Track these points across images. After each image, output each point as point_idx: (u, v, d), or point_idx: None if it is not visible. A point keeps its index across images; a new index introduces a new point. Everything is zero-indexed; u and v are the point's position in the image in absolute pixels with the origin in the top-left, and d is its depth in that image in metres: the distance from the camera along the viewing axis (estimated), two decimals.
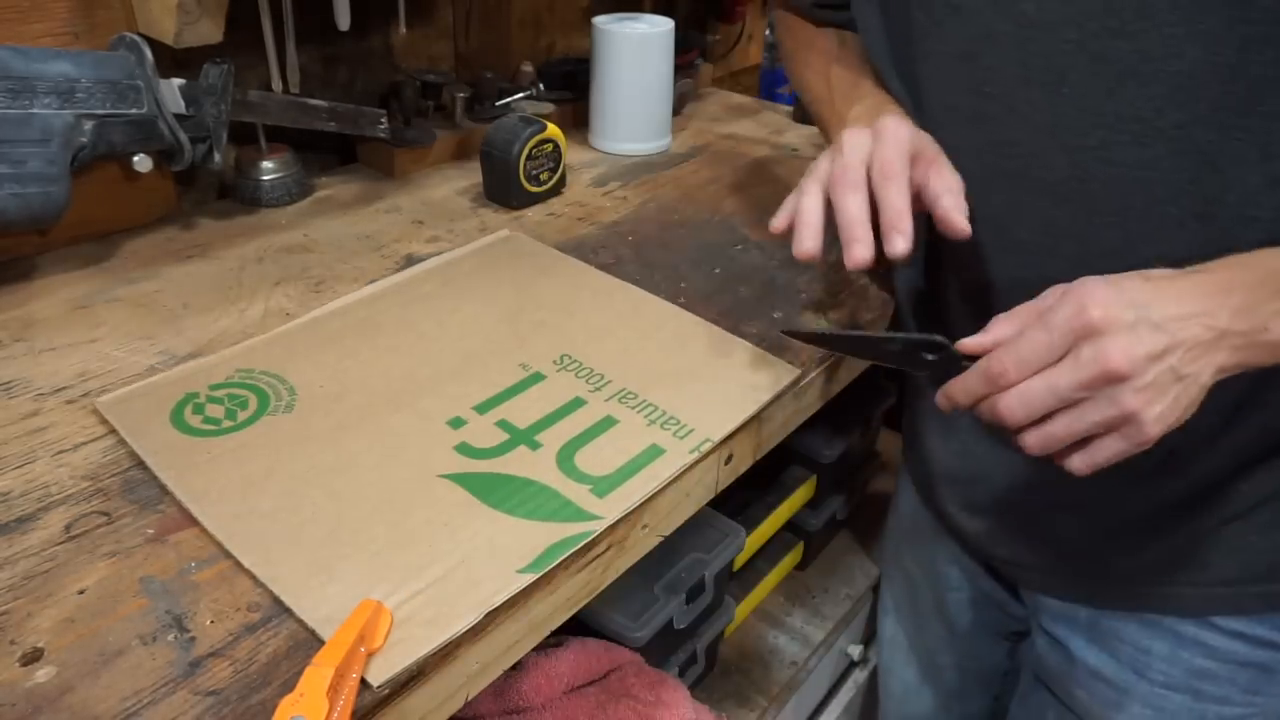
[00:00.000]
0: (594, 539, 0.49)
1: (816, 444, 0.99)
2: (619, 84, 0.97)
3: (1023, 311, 0.47)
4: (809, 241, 0.54)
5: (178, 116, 0.70)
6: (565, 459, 0.54)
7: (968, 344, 0.49)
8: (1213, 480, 0.58)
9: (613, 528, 0.50)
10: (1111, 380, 0.43)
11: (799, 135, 1.10)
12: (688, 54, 1.17)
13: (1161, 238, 0.50)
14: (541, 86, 1.02)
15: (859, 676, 1.13)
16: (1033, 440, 0.47)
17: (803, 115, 1.16)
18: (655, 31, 0.96)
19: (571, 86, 1.05)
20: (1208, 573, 0.61)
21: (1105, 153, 0.50)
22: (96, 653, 0.40)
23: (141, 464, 0.52)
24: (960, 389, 0.49)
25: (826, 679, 1.08)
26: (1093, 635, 0.68)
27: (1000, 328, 0.48)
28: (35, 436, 0.53)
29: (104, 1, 0.70)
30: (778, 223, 0.56)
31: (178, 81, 0.70)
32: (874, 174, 0.52)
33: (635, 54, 0.96)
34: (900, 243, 0.51)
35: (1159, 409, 0.43)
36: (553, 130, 0.85)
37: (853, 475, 1.11)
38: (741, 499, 0.96)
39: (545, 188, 0.87)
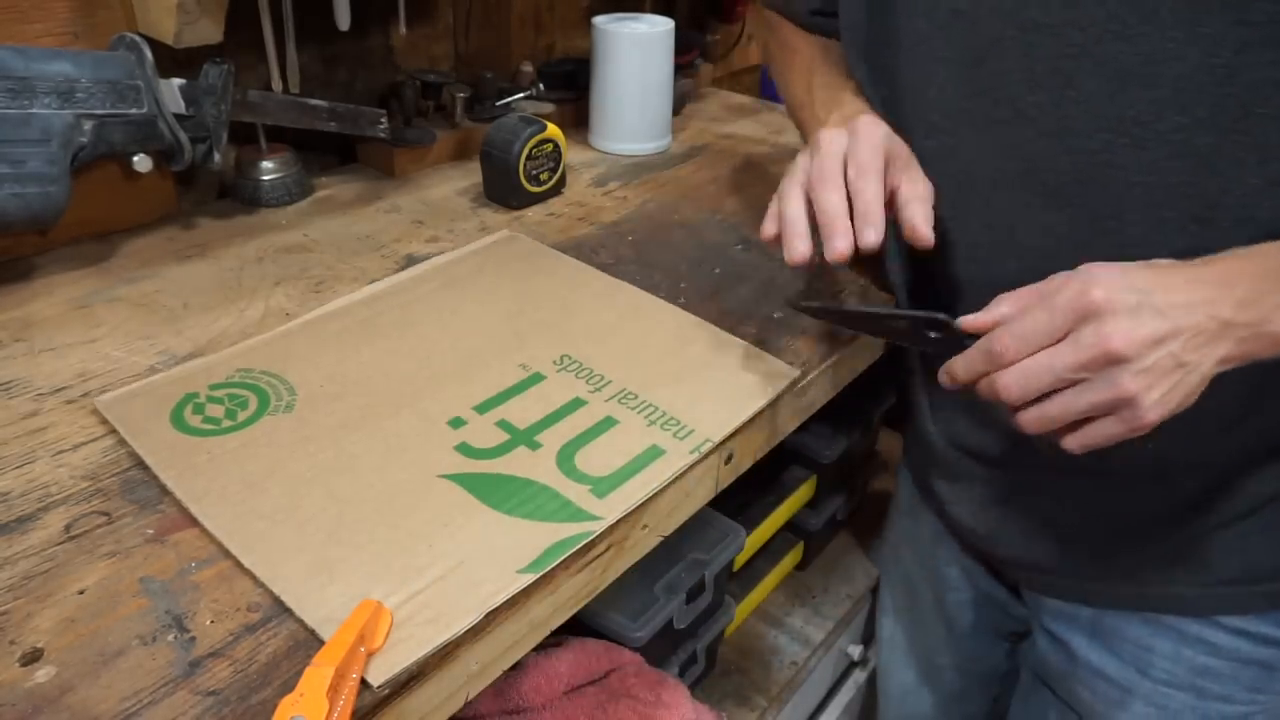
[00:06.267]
0: (594, 539, 0.49)
1: (816, 444, 0.99)
2: (619, 84, 0.97)
3: (1026, 292, 0.47)
4: (800, 246, 0.55)
5: (178, 116, 0.70)
6: (565, 459, 0.54)
7: (969, 321, 0.49)
8: (1217, 480, 0.58)
9: (613, 528, 0.50)
10: (1111, 362, 0.43)
11: (798, 135, 1.10)
12: (688, 54, 1.17)
13: (1160, 242, 0.50)
14: (541, 86, 1.02)
15: (859, 677, 1.13)
16: (1029, 419, 0.47)
17: None
18: (655, 31, 0.96)
19: (571, 86, 1.05)
20: (1211, 572, 0.61)
21: (1107, 155, 0.50)
22: (96, 653, 0.40)
23: (141, 464, 0.51)
24: (961, 365, 0.49)
25: (826, 679, 1.08)
26: (1095, 634, 0.68)
27: (1002, 307, 0.48)
28: (35, 436, 0.53)
29: (104, 1, 0.70)
30: (767, 230, 0.57)
31: (178, 81, 0.70)
32: (850, 171, 0.53)
33: (635, 54, 0.96)
34: (871, 234, 0.52)
35: (1157, 394, 0.43)
36: (553, 130, 0.85)
37: (853, 475, 1.11)
38: (741, 499, 0.96)
39: (545, 188, 0.87)
